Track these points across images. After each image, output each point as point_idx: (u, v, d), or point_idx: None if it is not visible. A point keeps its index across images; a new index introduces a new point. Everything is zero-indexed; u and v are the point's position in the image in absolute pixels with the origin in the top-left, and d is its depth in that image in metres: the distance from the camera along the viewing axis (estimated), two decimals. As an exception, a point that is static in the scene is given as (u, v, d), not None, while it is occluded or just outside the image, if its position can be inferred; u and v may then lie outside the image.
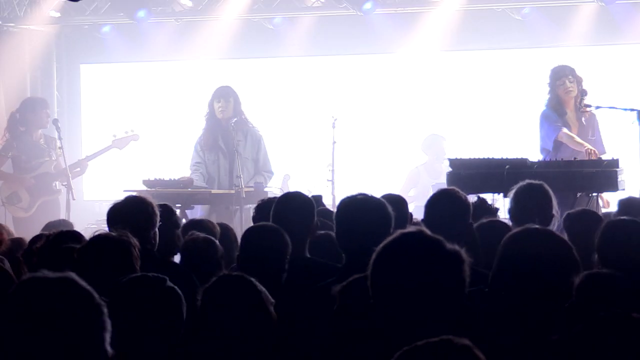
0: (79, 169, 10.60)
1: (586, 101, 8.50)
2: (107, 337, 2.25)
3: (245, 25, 12.13)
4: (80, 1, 10.72)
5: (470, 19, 11.60)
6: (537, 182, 5.41)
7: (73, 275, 2.27)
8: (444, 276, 2.60)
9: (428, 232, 2.70)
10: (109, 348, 2.25)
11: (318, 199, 6.55)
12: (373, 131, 12.12)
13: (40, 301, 2.21)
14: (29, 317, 2.19)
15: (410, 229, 2.72)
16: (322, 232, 5.19)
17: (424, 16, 11.62)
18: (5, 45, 12.06)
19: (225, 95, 9.72)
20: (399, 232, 2.69)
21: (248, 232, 4.62)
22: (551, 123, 8.51)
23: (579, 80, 8.60)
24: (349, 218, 4.03)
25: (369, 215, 3.98)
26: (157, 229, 4.93)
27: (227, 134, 9.60)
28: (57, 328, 2.18)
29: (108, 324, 2.25)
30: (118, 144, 10.59)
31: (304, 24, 12.11)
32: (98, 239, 4.16)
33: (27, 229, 8.31)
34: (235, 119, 9.61)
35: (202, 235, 5.25)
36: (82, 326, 2.21)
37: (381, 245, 2.67)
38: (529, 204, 5.24)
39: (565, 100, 8.56)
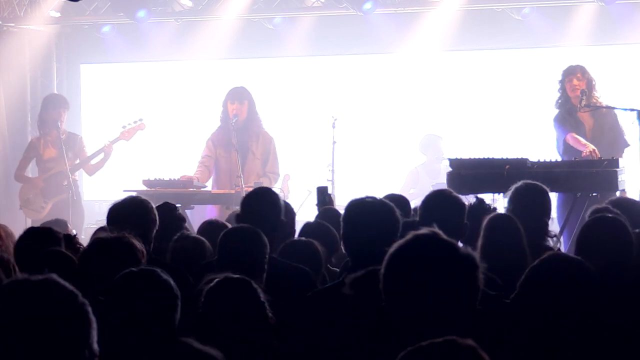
0: (102, 155, 10.48)
1: (586, 102, 8.49)
2: (94, 335, 2.25)
3: (245, 25, 12.13)
4: (80, 1, 10.72)
5: (471, 19, 11.60)
6: (534, 182, 5.42)
7: (55, 276, 2.28)
8: (458, 279, 2.58)
9: (442, 234, 2.68)
10: (95, 346, 2.25)
11: (323, 190, 6.64)
12: (373, 131, 12.12)
13: (23, 304, 2.21)
14: (13, 321, 2.19)
15: (423, 231, 2.68)
16: (303, 238, 5.22)
17: (424, 16, 11.61)
18: (5, 45, 12.06)
19: (240, 98, 9.75)
20: (413, 233, 2.66)
21: (225, 235, 4.60)
22: (560, 126, 8.51)
23: (589, 80, 8.57)
24: (357, 220, 4.02)
25: (377, 218, 3.97)
26: (155, 230, 4.94)
27: (240, 133, 9.63)
28: (42, 330, 2.19)
29: (93, 322, 2.25)
30: (125, 135, 10.49)
31: (304, 24, 12.11)
32: (104, 241, 4.14)
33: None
34: (235, 119, 9.63)
35: (191, 235, 5.25)
36: (67, 326, 2.22)
37: (394, 246, 2.64)
38: (530, 204, 5.24)
39: (572, 97, 8.53)
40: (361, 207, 4.06)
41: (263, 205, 5.02)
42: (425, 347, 2.13)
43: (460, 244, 2.72)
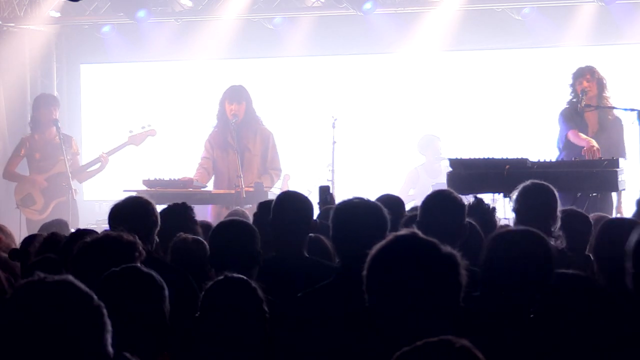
0: (98, 164, 10.43)
1: (586, 102, 8.49)
2: (108, 338, 2.24)
3: (245, 25, 12.13)
4: (80, 1, 10.72)
5: (470, 19, 11.60)
6: (542, 182, 5.39)
7: (71, 278, 2.27)
8: (439, 278, 2.59)
9: (421, 234, 2.69)
10: (110, 349, 2.24)
11: (325, 189, 6.67)
12: (373, 131, 12.12)
13: (40, 305, 2.20)
14: (29, 322, 2.18)
15: (403, 231, 2.70)
16: (312, 235, 5.22)
17: (424, 16, 11.62)
18: (5, 45, 12.05)
19: (237, 98, 9.71)
20: (393, 235, 2.68)
21: (216, 228, 4.63)
22: (565, 121, 8.51)
23: (599, 79, 8.56)
24: (345, 222, 4.04)
25: (365, 219, 3.98)
26: (156, 230, 4.93)
27: (237, 132, 9.62)
28: (57, 332, 2.18)
29: (108, 325, 2.25)
30: (134, 140, 10.37)
31: (304, 24, 12.11)
32: (103, 238, 4.13)
33: (41, 232, 8.21)
34: (235, 120, 9.62)
35: (191, 236, 5.26)
36: (83, 329, 2.21)
37: (375, 248, 2.66)
38: (536, 204, 5.21)
39: (582, 99, 8.52)
40: (349, 209, 4.08)
41: (294, 207, 5.00)
42: (421, 347, 2.14)
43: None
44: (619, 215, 7.86)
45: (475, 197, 5.61)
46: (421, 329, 2.40)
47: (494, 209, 5.50)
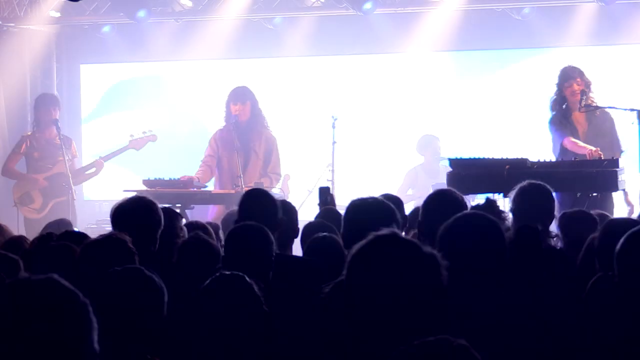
0: (94, 169, 10.48)
1: (585, 102, 8.48)
2: (95, 335, 2.25)
3: (245, 25, 12.13)
4: (80, 1, 10.72)
5: (470, 19, 11.60)
6: (539, 182, 5.40)
7: (56, 276, 2.27)
8: (419, 278, 2.54)
9: (401, 234, 2.67)
10: (96, 346, 2.25)
11: (325, 190, 6.68)
12: (373, 131, 12.13)
13: (25, 304, 2.20)
14: (14, 321, 2.18)
15: (384, 231, 2.65)
16: (326, 234, 5.22)
17: (424, 16, 11.62)
18: (5, 45, 12.06)
19: (242, 98, 9.74)
20: (373, 234, 2.63)
21: (232, 231, 4.62)
22: (557, 129, 8.48)
23: (587, 83, 8.54)
24: (358, 220, 4.04)
25: (377, 219, 3.99)
26: (160, 230, 4.93)
27: (243, 133, 9.63)
28: (43, 330, 2.18)
29: (94, 322, 2.25)
30: (135, 145, 10.41)
31: (304, 24, 12.11)
32: (99, 240, 4.14)
33: (39, 231, 8.21)
34: (235, 120, 9.63)
35: (203, 235, 5.25)
36: (68, 327, 2.20)
37: (355, 248, 2.62)
38: (534, 204, 5.22)
39: (571, 101, 8.51)
40: (362, 208, 4.08)
41: (260, 206, 5.03)
42: (417, 346, 2.13)
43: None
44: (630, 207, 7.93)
45: (487, 199, 5.59)
46: (400, 330, 2.38)
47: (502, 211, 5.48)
